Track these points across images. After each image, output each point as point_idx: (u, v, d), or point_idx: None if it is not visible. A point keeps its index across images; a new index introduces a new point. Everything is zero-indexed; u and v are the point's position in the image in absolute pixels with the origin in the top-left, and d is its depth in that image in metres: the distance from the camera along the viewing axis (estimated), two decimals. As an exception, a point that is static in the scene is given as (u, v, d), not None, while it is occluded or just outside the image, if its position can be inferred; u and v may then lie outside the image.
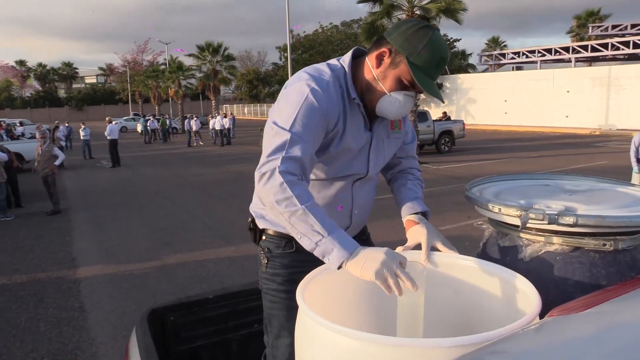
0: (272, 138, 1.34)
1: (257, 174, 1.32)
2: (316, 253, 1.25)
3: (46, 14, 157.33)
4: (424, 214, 1.59)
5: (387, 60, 1.41)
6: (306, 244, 1.25)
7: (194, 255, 6.33)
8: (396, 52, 1.39)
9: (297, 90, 1.39)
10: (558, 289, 1.37)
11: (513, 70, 36.79)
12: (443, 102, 1.31)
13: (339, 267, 1.23)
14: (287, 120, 1.35)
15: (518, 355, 0.81)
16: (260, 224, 1.63)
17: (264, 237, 1.62)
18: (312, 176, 1.50)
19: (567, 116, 27.40)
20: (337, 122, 1.44)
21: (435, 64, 1.37)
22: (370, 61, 1.45)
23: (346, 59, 1.49)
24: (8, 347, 4.07)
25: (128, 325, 4.22)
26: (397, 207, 1.66)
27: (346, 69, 1.47)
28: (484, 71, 38.56)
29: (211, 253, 6.37)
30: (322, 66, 1.48)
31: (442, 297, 1.50)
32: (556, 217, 1.32)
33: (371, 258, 1.19)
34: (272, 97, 53.67)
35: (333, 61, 1.51)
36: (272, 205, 1.27)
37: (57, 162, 9.34)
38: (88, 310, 4.75)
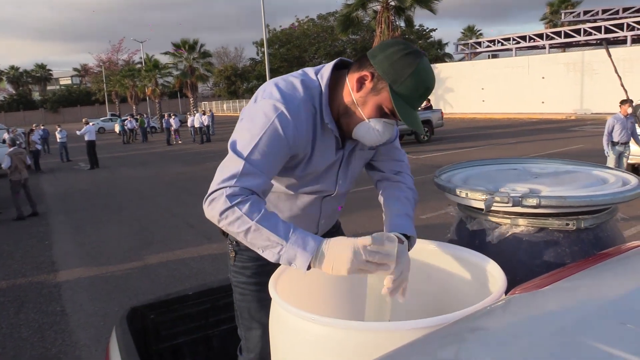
0: (226, 161, 1.27)
1: (205, 202, 1.24)
2: (282, 263, 1.20)
3: (16, 15, 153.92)
4: (408, 238, 1.37)
5: (368, 85, 1.29)
6: (269, 256, 1.21)
7: (176, 254, 6.30)
8: (379, 77, 1.27)
9: (263, 112, 1.28)
10: (525, 268, 1.41)
11: (489, 58, 37.15)
12: (423, 134, 1.21)
13: (309, 268, 1.18)
14: (246, 145, 1.25)
15: (478, 331, 0.84)
16: None
17: None
18: (279, 188, 1.45)
19: (543, 102, 27.79)
20: (304, 149, 1.35)
21: (419, 94, 1.27)
22: (350, 83, 1.32)
23: (325, 75, 1.35)
24: (-11, 354, 4.02)
25: (111, 327, 4.19)
26: (384, 216, 1.50)
27: (323, 89, 1.34)
28: (460, 60, 38.87)
29: (193, 251, 6.34)
30: (296, 81, 1.34)
31: (415, 282, 1.52)
32: (520, 199, 1.36)
33: (339, 259, 1.15)
34: (250, 92, 53.39)
35: (311, 73, 1.38)
36: (226, 227, 1.22)
37: (4, 165, 9.14)
38: (70, 314, 4.70)
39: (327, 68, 1.37)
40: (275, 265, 1.37)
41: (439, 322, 0.98)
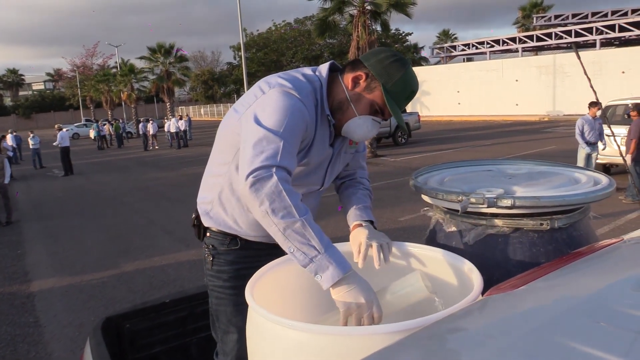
0: (261, 141, 1.25)
1: (249, 179, 1.19)
2: (309, 269, 1.17)
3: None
4: (371, 222, 1.58)
5: (362, 83, 1.43)
6: (299, 258, 1.17)
7: (154, 260, 6.21)
8: (373, 77, 1.42)
9: (282, 96, 1.34)
10: (501, 269, 1.42)
11: (464, 61, 37.66)
12: (405, 131, 1.30)
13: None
14: (276, 124, 1.28)
15: (456, 333, 0.84)
16: (205, 222, 1.61)
17: (208, 234, 1.62)
18: None
19: (517, 104, 28.29)
20: (310, 136, 1.42)
21: (405, 95, 1.44)
22: (345, 81, 1.46)
23: (323, 72, 1.47)
24: (-42, 368, 3.89)
25: (86, 337, 4.11)
26: (344, 214, 1.64)
27: (323, 83, 1.45)
28: (436, 64, 39.30)
29: (171, 257, 6.26)
30: (298, 74, 1.45)
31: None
32: (495, 200, 1.37)
33: (353, 294, 1.17)
34: (228, 97, 53.11)
35: (308, 71, 1.48)
36: (265, 214, 1.18)
37: (6, 180, 8.92)
38: (43, 325, 4.59)
39: (324, 66, 1.49)
40: (253, 270, 1.37)
41: (417, 324, 0.98)
